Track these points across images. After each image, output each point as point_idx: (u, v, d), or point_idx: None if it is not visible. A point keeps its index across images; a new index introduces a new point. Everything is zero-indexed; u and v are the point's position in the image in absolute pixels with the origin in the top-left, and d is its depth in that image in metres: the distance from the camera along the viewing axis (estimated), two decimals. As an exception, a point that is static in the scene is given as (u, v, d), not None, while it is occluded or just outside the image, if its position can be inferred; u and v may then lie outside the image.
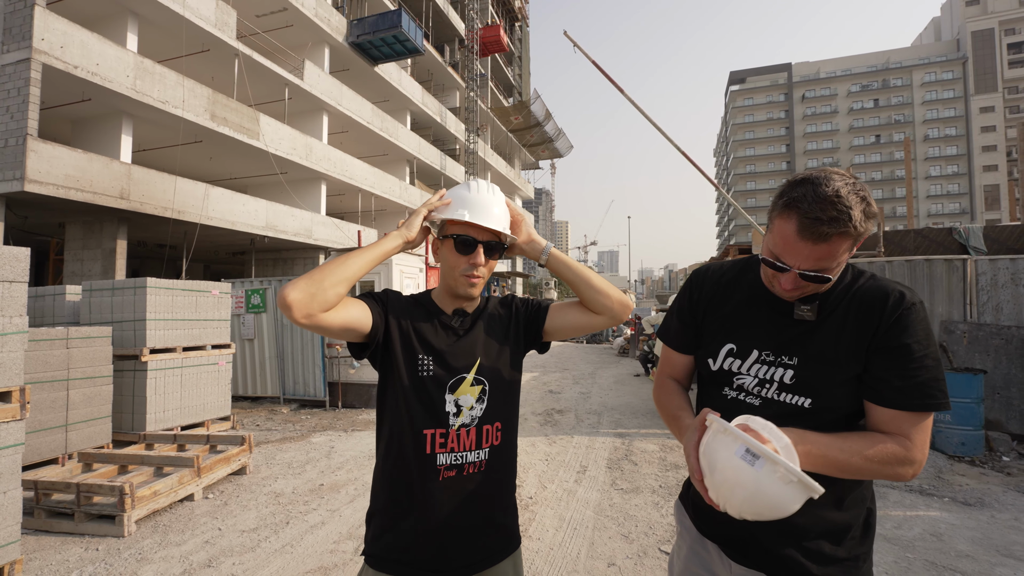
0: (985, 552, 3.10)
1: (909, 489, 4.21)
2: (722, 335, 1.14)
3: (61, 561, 3.06)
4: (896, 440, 0.95)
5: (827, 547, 1.03)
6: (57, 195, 9.84)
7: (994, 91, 61.88)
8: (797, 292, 1.02)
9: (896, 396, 0.96)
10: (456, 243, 1.17)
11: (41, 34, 9.62)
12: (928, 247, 7.39)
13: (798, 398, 1.04)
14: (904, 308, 0.98)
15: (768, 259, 1.01)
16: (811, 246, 0.93)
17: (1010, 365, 5.55)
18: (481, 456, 1.16)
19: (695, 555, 1.19)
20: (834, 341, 1.02)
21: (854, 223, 0.90)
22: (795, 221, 0.93)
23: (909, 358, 0.96)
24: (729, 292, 1.17)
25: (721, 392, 1.14)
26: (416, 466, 1.12)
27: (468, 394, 1.17)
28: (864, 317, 1.01)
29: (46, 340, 4.47)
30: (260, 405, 8.21)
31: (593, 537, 3.39)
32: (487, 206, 1.18)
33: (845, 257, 0.95)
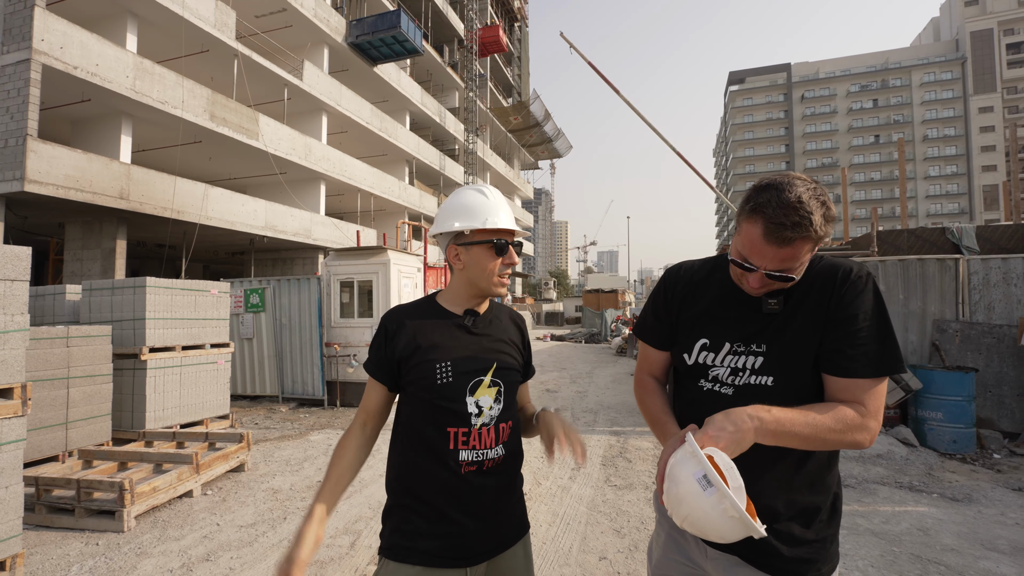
0: (970, 546, 3.15)
1: (899, 485, 4.26)
2: (696, 331, 1.19)
3: (62, 555, 3.11)
4: (852, 407, 1.01)
5: (797, 529, 1.08)
6: (57, 195, 9.89)
7: (993, 91, 62.00)
8: (764, 289, 1.08)
9: (849, 364, 1.02)
10: (495, 247, 1.25)
11: (41, 35, 9.67)
12: (921, 247, 7.44)
13: (762, 377, 1.10)
14: (851, 281, 1.05)
15: (736, 260, 1.07)
16: (776, 249, 0.98)
17: (1002, 364, 5.60)
18: (500, 452, 1.22)
19: (673, 542, 1.23)
20: (798, 325, 1.08)
21: (815, 227, 0.95)
22: (761, 225, 0.98)
23: (857, 328, 1.02)
24: (701, 290, 1.22)
25: (697, 384, 1.19)
26: (439, 461, 1.18)
27: (487, 395, 1.23)
28: (819, 295, 1.07)
29: (46, 339, 4.51)
30: (259, 404, 8.26)
31: (586, 532, 3.44)
32: (507, 209, 1.29)
33: (807, 258, 1.02)
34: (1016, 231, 7.16)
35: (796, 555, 1.07)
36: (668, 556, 1.24)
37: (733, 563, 1.11)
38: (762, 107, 76.89)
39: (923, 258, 6.12)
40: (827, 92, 72.18)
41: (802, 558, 1.07)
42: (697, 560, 1.19)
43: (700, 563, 1.18)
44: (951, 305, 5.94)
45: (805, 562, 1.07)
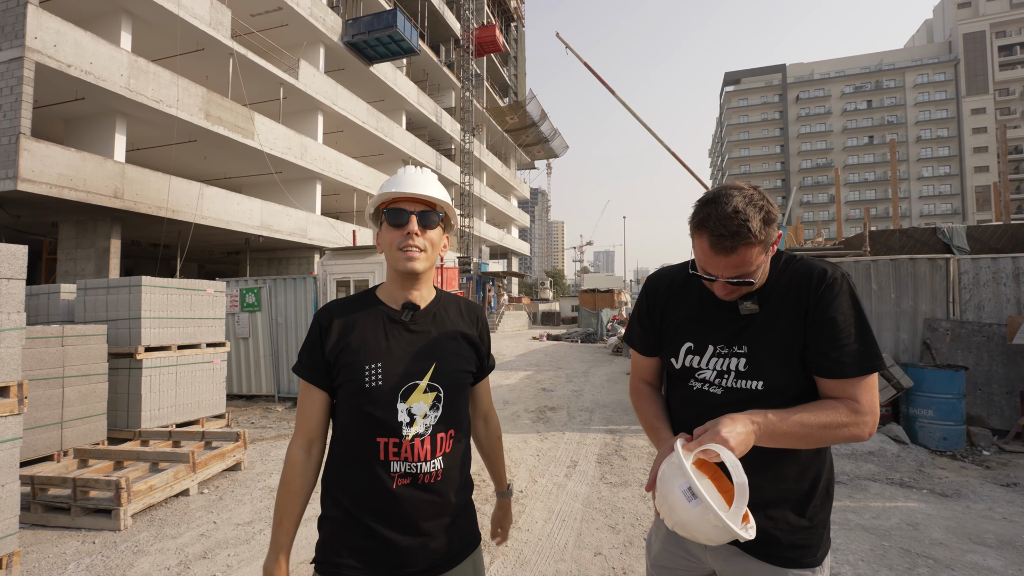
0: (958, 540, 3.20)
1: (890, 482, 4.32)
2: (680, 335, 1.23)
3: (58, 554, 3.12)
4: (845, 403, 1.05)
5: (792, 517, 1.12)
6: (50, 194, 9.85)
7: (985, 93, 62.49)
8: (732, 295, 1.12)
9: (833, 366, 1.06)
10: (388, 217, 1.14)
11: (34, 33, 9.63)
12: (913, 246, 7.52)
13: (751, 382, 1.13)
14: (827, 283, 1.09)
15: (699, 273, 1.13)
16: (724, 258, 1.04)
17: (991, 362, 5.67)
18: (436, 465, 1.11)
19: (672, 535, 1.25)
20: (776, 325, 1.12)
21: (754, 233, 1.00)
22: (706, 239, 1.05)
23: (837, 330, 1.07)
24: (682, 295, 1.26)
25: (688, 384, 1.22)
26: (370, 473, 1.08)
27: (421, 402, 1.11)
28: (796, 297, 1.11)
29: (41, 338, 4.51)
30: (255, 403, 8.25)
31: (581, 528, 3.47)
32: (416, 180, 1.17)
33: (761, 259, 1.06)
34: (1006, 231, 7.25)
35: (792, 541, 1.11)
36: (668, 549, 1.27)
37: (732, 553, 1.14)
38: (757, 108, 77.21)
39: (914, 258, 6.19)
40: (822, 93, 72.57)
41: (797, 544, 1.11)
42: (696, 553, 1.21)
43: (699, 555, 1.21)
44: (942, 304, 6.01)
45: (801, 548, 1.11)
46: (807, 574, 1.12)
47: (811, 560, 1.11)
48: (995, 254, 6.01)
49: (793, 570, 1.11)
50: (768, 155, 76.24)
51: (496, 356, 14.43)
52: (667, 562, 1.27)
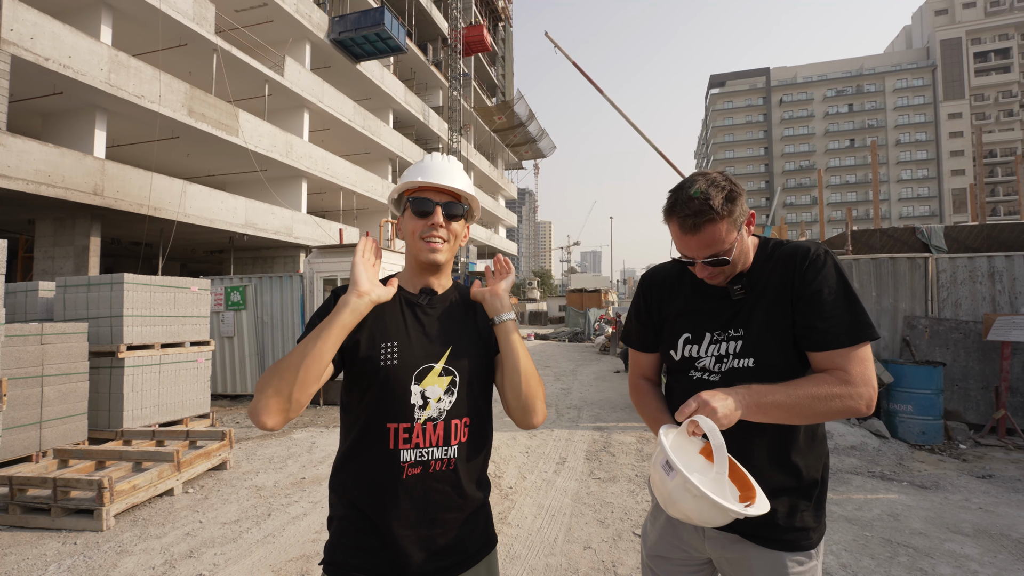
0: (936, 530, 3.29)
1: (871, 475, 4.41)
2: (678, 327, 1.26)
3: (38, 555, 3.05)
4: (834, 374, 1.05)
5: (792, 501, 1.14)
6: (27, 190, 9.61)
7: (961, 98, 64.04)
8: (716, 278, 1.16)
9: (823, 337, 1.08)
10: (413, 205, 1.13)
11: (10, 24, 9.38)
12: (893, 246, 7.68)
13: (743, 360, 1.16)
14: (811, 259, 1.13)
15: (678, 259, 1.19)
16: (694, 238, 1.09)
17: (968, 358, 5.83)
18: (449, 453, 1.07)
19: (670, 525, 1.27)
20: (765, 305, 1.16)
21: (716, 210, 1.05)
22: (675, 223, 1.11)
23: (824, 301, 1.09)
24: (676, 289, 1.30)
25: (687, 375, 1.25)
26: (379, 464, 1.04)
27: (436, 385, 1.08)
28: (782, 276, 1.15)
29: (19, 335, 4.40)
30: (240, 403, 8.14)
31: (570, 523, 3.50)
32: (442, 169, 1.16)
33: (733, 237, 1.10)
34: (982, 231, 7.44)
35: (792, 524, 1.12)
36: (664, 538, 1.28)
37: (732, 541, 1.15)
38: (742, 110, 78.18)
39: (895, 257, 6.33)
40: (804, 96, 73.73)
41: (797, 527, 1.12)
42: (692, 542, 1.22)
43: (696, 545, 1.21)
44: (921, 302, 6.16)
45: (799, 530, 1.12)
46: (802, 558, 1.12)
47: (808, 543, 1.13)
48: (972, 253, 6.18)
49: (790, 554, 1.11)
50: (752, 157, 77.26)
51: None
52: (663, 551, 1.27)
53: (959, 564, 2.85)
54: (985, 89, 64.28)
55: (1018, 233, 7.12)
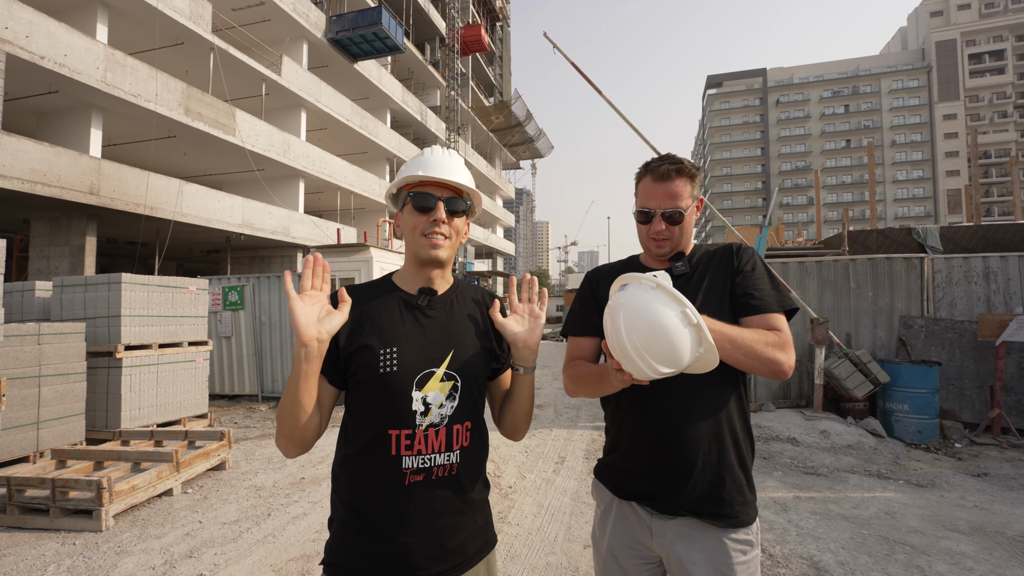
0: (933, 527, 3.32)
1: (868, 473, 4.44)
2: None
3: (37, 556, 3.05)
4: (772, 332, 1.22)
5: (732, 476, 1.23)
6: (22, 190, 9.56)
7: (956, 99, 64.41)
8: (665, 244, 1.32)
9: (759, 303, 1.26)
10: (413, 201, 1.09)
11: (5, 22, 9.33)
12: (889, 246, 7.73)
13: None
14: (743, 249, 1.37)
15: (639, 211, 1.33)
16: (663, 185, 1.28)
17: (963, 358, 5.87)
18: (452, 459, 1.05)
19: (618, 525, 1.31)
20: (708, 284, 1.33)
21: (686, 165, 1.28)
22: (649, 176, 1.31)
23: (757, 277, 1.31)
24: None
25: None
26: (380, 470, 1.02)
27: (437, 390, 1.06)
28: (721, 260, 1.36)
29: (16, 336, 4.38)
30: (238, 403, 8.13)
31: (570, 522, 3.51)
32: (444, 163, 1.12)
33: (690, 202, 1.29)
34: (977, 232, 7.50)
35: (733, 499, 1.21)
36: (616, 542, 1.31)
37: (679, 526, 1.21)
38: (739, 111, 78.41)
39: (891, 257, 6.36)
40: (801, 97, 73.99)
41: (737, 500, 1.21)
42: (643, 541, 1.27)
43: (646, 543, 1.26)
44: (916, 302, 6.20)
45: (740, 505, 1.22)
46: (743, 546, 1.20)
47: (747, 517, 1.21)
48: (967, 254, 6.22)
49: (730, 539, 1.19)
50: (749, 157, 77.49)
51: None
52: (616, 554, 1.30)
53: (955, 561, 2.88)
54: (980, 90, 64.66)
55: (1012, 234, 7.18)
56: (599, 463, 1.42)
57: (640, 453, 1.26)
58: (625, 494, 1.30)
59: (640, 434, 1.25)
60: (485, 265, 40.70)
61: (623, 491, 1.31)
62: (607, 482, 1.36)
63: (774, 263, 6.59)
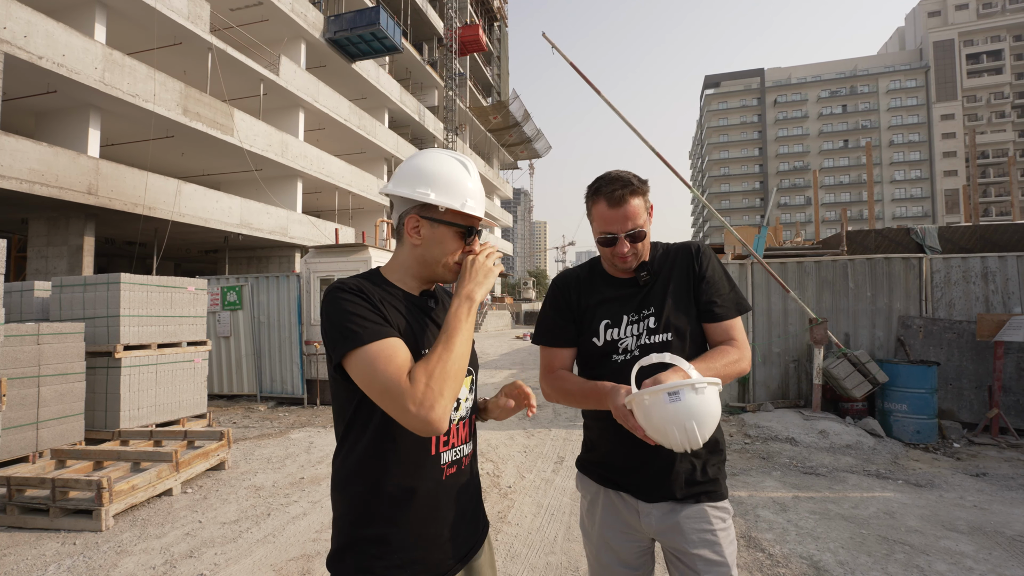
0: (932, 527, 3.33)
1: (867, 473, 4.45)
2: (598, 315, 1.41)
3: (37, 556, 3.04)
4: (730, 344, 1.31)
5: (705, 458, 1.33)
6: (20, 189, 9.55)
7: (954, 99, 64.59)
8: (630, 259, 1.33)
9: (721, 311, 1.34)
10: (464, 233, 1.09)
11: (3, 23, 9.32)
12: (888, 246, 7.74)
13: (661, 335, 1.34)
14: (702, 251, 1.40)
15: (602, 236, 1.34)
16: (618, 210, 1.29)
17: (961, 358, 5.88)
18: (471, 447, 1.14)
19: (607, 512, 1.38)
20: (672, 288, 1.37)
21: (635, 184, 1.29)
22: (602, 200, 1.30)
23: (718, 283, 1.37)
24: (589, 285, 1.46)
25: (610, 360, 1.37)
26: (420, 470, 1.02)
27: (464, 385, 1.11)
28: (681, 263, 1.40)
29: (16, 336, 4.37)
30: (236, 403, 8.12)
31: (570, 522, 3.51)
32: (482, 194, 1.12)
33: (646, 217, 1.32)
34: (975, 232, 7.51)
35: (707, 477, 1.32)
36: (607, 528, 1.37)
37: (664, 510, 1.29)
38: (736, 111, 78.52)
39: (889, 257, 6.38)
40: (799, 97, 74.12)
41: (711, 478, 1.32)
42: (633, 524, 1.34)
43: (636, 526, 1.33)
44: (915, 302, 6.21)
45: (714, 481, 1.33)
46: (722, 514, 1.31)
47: (722, 492, 1.33)
48: (965, 254, 6.23)
49: (710, 505, 1.30)
50: (747, 157, 77.59)
51: (480, 355, 14.41)
52: (609, 540, 1.36)
53: (955, 561, 2.89)
54: (977, 90, 64.85)
55: (1011, 234, 7.20)
56: (580, 458, 1.49)
57: (622, 454, 1.34)
58: (611, 484, 1.38)
59: (620, 437, 1.28)
60: (484, 265, 40.63)
61: (608, 481, 1.38)
62: (592, 474, 1.43)
63: (772, 263, 6.61)
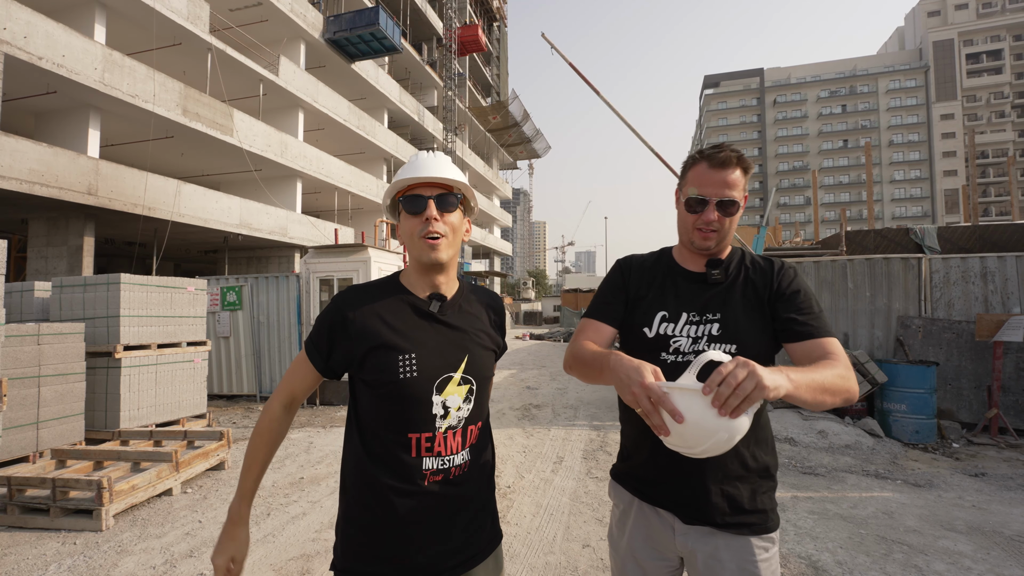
0: (931, 527, 3.34)
1: (866, 473, 4.46)
2: (655, 305, 1.29)
3: (38, 555, 3.05)
4: (833, 359, 1.08)
5: (754, 485, 1.20)
6: (20, 190, 9.54)
7: (954, 99, 64.61)
8: (712, 236, 1.23)
9: (805, 328, 1.17)
10: (405, 205, 1.11)
11: (3, 23, 9.32)
12: (887, 246, 7.76)
13: (725, 345, 1.20)
14: (784, 269, 1.28)
15: (691, 198, 1.23)
16: (720, 173, 1.19)
17: (961, 358, 5.89)
18: (466, 457, 1.10)
19: (638, 525, 1.27)
20: (743, 296, 1.26)
21: (743, 159, 1.21)
22: (703, 162, 1.21)
23: (802, 300, 1.21)
24: (653, 272, 1.35)
25: (660, 359, 1.22)
26: (401, 472, 1.04)
27: (456, 394, 1.09)
28: (760, 278, 1.27)
29: (16, 336, 4.38)
30: (236, 403, 8.12)
31: (569, 521, 3.52)
32: (429, 163, 1.13)
33: (743, 194, 1.22)
34: (974, 232, 7.53)
35: (755, 507, 1.18)
36: (636, 542, 1.27)
37: (702, 534, 1.17)
38: (736, 111, 78.57)
39: (888, 257, 6.39)
40: (798, 97, 74.16)
41: (759, 509, 1.18)
42: (664, 542, 1.23)
43: (667, 544, 1.22)
44: (914, 302, 6.22)
45: (762, 512, 1.19)
46: (767, 543, 1.17)
47: (772, 524, 1.19)
48: (964, 254, 6.24)
49: (756, 538, 1.16)
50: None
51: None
52: (636, 555, 1.27)
53: (953, 561, 2.89)
54: (977, 90, 64.88)
55: (1010, 234, 7.21)
56: (615, 467, 1.38)
57: (659, 466, 1.22)
58: (645, 497, 1.27)
59: (656, 447, 1.18)
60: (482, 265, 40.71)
61: (644, 494, 1.27)
62: (626, 484, 1.32)
63: (772, 263, 6.61)
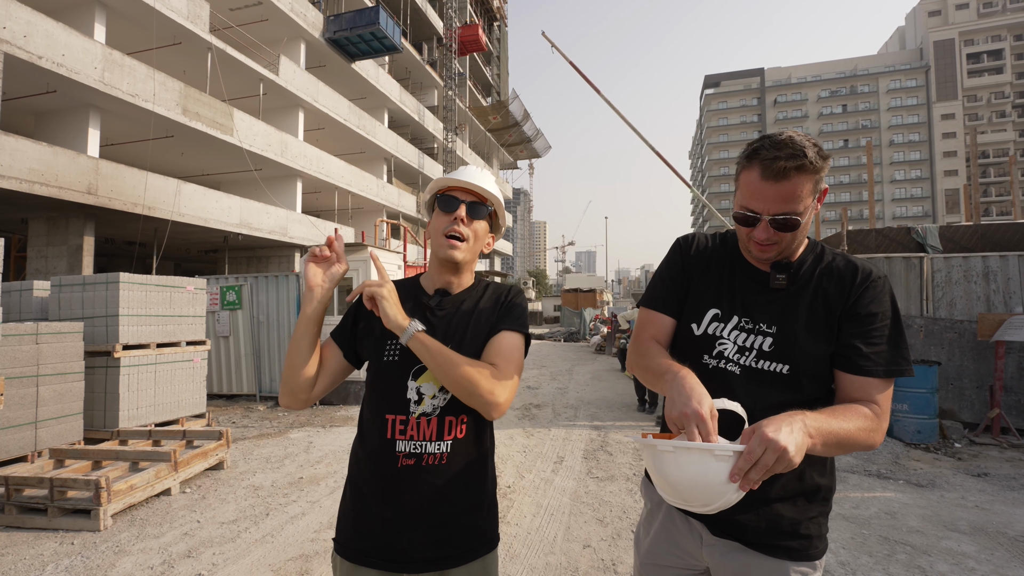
0: (933, 527, 3.32)
1: (867, 473, 4.44)
2: (707, 301, 1.16)
3: (35, 555, 3.03)
4: (868, 407, 0.99)
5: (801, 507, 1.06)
6: (20, 189, 9.53)
7: (954, 99, 64.54)
8: (771, 249, 1.04)
9: (863, 363, 1.02)
10: (440, 203, 1.19)
11: (3, 22, 9.30)
12: (888, 246, 7.73)
13: (777, 365, 1.06)
14: (872, 280, 1.06)
15: (739, 212, 1.05)
16: (774, 185, 0.97)
17: (962, 357, 5.87)
18: (442, 448, 1.09)
19: (665, 531, 1.19)
20: (809, 310, 1.07)
21: (809, 158, 0.95)
22: (757, 167, 0.99)
23: (875, 326, 1.03)
24: (712, 262, 1.20)
25: (702, 360, 1.13)
26: (378, 450, 1.10)
27: (431, 383, 1.12)
28: (835, 288, 1.07)
29: (14, 335, 4.36)
30: (235, 403, 8.10)
31: (569, 522, 3.50)
32: (472, 173, 1.22)
33: (810, 202, 0.99)
34: (976, 231, 7.50)
35: (796, 531, 1.05)
36: (660, 546, 1.20)
37: (732, 549, 1.08)
38: (736, 111, 78.55)
39: (890, 256, 6.37)
40: (799, 97, 74.12)
41: (802, 534, 1.05)
42: (690, 550, 1.15)
43: (694, 553, 1.14)
44: (916, 301, 6.20)
45: (805, 538, 1.05)
46: (807, 568, 1.05)
47: (814, 552, 1.06)
48: (966, 253, 6.22)
49: (794, 564, 1.04)
50: (747, 157, 77.57)
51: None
52: (658, 559, 1.20)
53: (956, 561, 2.87)
54: (978, 90, 64.79)
55: (1012, 233, 7.18)
56: None
57: None
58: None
59: None
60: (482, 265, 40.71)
61: None
62: None
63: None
